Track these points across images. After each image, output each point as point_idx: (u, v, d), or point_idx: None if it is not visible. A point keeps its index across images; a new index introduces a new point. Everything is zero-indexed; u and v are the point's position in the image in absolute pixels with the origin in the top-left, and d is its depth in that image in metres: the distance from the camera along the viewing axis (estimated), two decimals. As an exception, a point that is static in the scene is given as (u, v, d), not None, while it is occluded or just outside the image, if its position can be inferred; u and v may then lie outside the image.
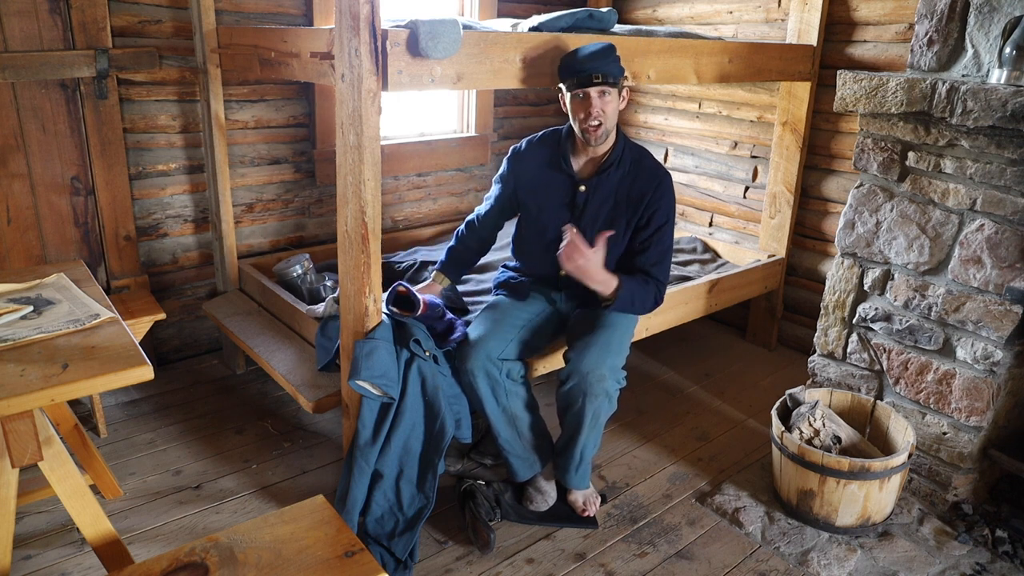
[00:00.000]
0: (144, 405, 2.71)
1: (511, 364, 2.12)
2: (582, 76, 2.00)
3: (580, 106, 2.05)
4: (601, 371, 2.02)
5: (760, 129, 3.36)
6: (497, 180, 2.36)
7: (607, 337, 2.09)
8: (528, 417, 2.17)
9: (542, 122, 3.92)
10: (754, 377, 3.16)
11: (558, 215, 2.21)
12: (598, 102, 2.02)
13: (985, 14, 2.10)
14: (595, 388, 2.02)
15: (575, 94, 2.04)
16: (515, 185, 2.29)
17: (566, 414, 2.11)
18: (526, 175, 2.27)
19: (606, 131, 2.08)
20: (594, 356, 2.03)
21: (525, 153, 2.29)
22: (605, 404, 2.06)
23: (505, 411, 2.12)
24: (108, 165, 2.64)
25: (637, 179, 2.17)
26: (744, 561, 2.07)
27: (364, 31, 1.67)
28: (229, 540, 1.36)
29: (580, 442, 2.12)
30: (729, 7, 3.36)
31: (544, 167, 2.24)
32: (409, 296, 2.10)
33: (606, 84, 2.00)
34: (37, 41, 2.40)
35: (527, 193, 2.27)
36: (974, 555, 2.09)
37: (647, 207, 2.16)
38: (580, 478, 2.19)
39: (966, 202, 2.14)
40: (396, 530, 1.97)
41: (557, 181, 2.22)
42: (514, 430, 2.15)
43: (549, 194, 2.23)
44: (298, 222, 3.20)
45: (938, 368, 2.26)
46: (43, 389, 1.29)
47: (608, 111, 2.05)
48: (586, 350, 2.05)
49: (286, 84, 2.99)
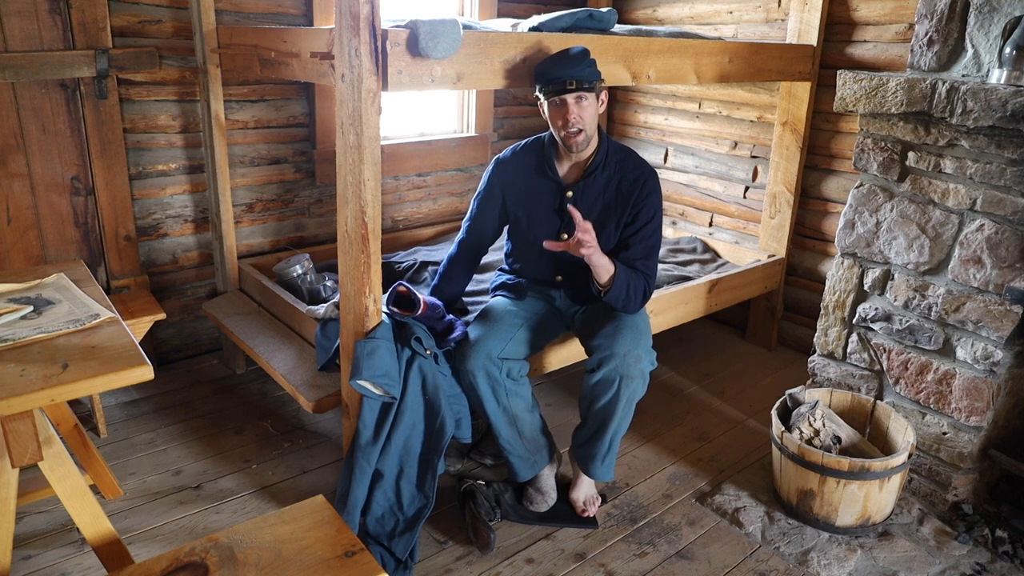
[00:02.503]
0: (144, 405, 2.71)
1: (512, 363, 2.12)
2: (557, 83, 1.98)
3: (558, 113, 2.04)
4: (637, 352, 2.02)
5: (760, 129, 3.36)
6: (480, 196, 2.31)
7: (634, 321, 2.11)
8: (529, 417, 2.17)
9: (542, 122, 3.92)
10: (754, 377, 3.16)
11: (548, 222, 2.21)
12: (575, 108, 2.01)
13: (985, 14, 2.10)
14: (632, 370, 2.01)
15: (552, 101, 2.03)
16: (503, 195, 2.26)
17: (597, 403, 2.07)
18: (513, 184, 2.25)
19: (587, 137, 2.08)
20: (628, 338, 2.03)
21: (510, 162, 2.27)
22: (640, 386, 2.05)
23: (506, 411, 2.12)
24: (108, 165, 2.64)
25: (624, 179, 2.16)
26: (744, 561, 2.07)
27: (364, 31, 1.67)
28: (229, 540, 1.36)
29: (612, 429, 2.09)
30: (729, 7, 3.36)
31: (530, 175, 2.22)
32: (409, 296, 2.10)
33: (582, 90, 1.99)
34: (37, 41, 2.40)
35: (515, 203, 2.25)
36: (974, 555, 2.09)
37: (634, 205, 2.15)
38: (607, 469, 2.16)
39: (966, 202, 2.14)
40: (396, 530, 1.97)
41: (544, 188, 2.20)
42: (515, 430, 2.15)
43: (537, 202, 2.22)
44: (298, 222, 3.20)
45: (938, 368, 2.26)
46: (43, 389, 1.29)
47: (586, 116, 2.04)
48: (617, 334, 2.04)
49: (286, 84, 2.99)
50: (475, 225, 2.32)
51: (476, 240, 2.34)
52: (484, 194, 2.29)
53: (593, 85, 2.01)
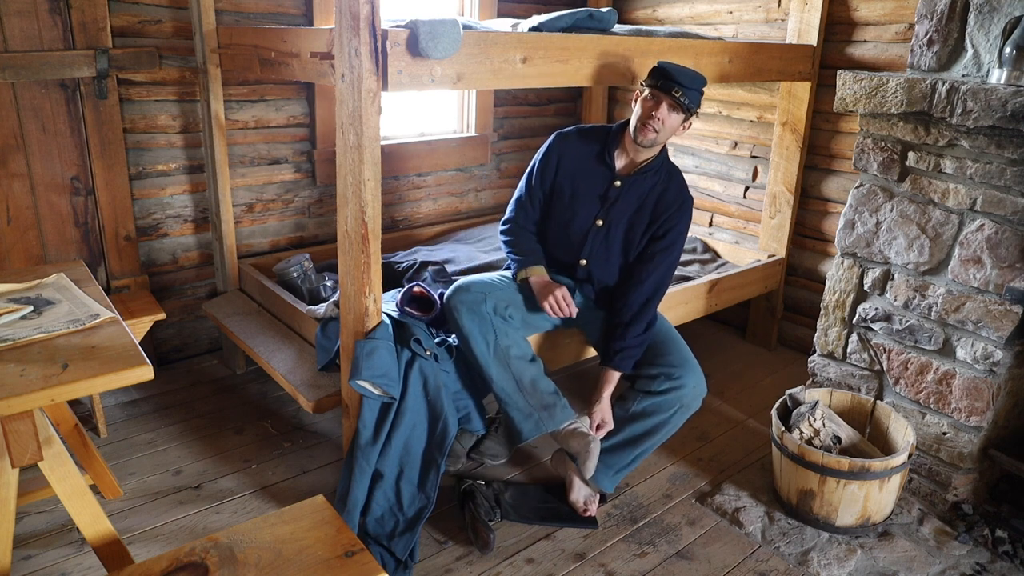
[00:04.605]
0: (144, 405, 2.71)
1: (505, 313, 2.13)
2: (667, 83, 2.06)
3: (649, 106, 2.10)
4: (702, 387, 2.16)
5: (760, 129, 3.36)
6: (535, 169, 2.31)
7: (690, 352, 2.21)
8: (528, 365, 2.11)
9: (542, 122, 3.93)
10: (754, 377, 3.16)
11: (590, 204, 2.25)
12: (664, 112, 2.08)
13: (985, 14, 2.10)
14: (694, 404, 2.15)
15: (651, 93, 2.10)
16: (557, 165, 2.29)
17: (646, 418, 2.12)
18: (570, 158, 2.28)
19: (654, 140, 2.12)
20: (698, 372, 2.15)
21: (573, 137, 2.31)
22: (685, 417, 2.16)
23: (497, 353, 2.07)
24: (108, 165, 2.64)
25: (666, 192, 2.23)
26: (744, 561, 2.07)
27: (364, 31, 1.67)
28: (229, 540, 1.36)
29: (643, 447, 2.15)
30: (729, 7, 3.36)
31: (588, 155, 2.27)
32: (428, 296, 2.11)
33: (679, 103, 2.06)
34: (37, 41, 2.40)
35: (566, 176, 2.28)
36: (974, 555, 2.09)
37: (664, 222, 2.21)
38: (614, 481, 2.19)
39: (966, 202, 2.14)
40: (396, 530, 1.97)
41: (597, 172, 2.25)
42: (509, 375, 2.08)
43: (587, 182, 2.26)
44: (298, 222, 3.20)
45: (938, 368, 2.26)
46: (43, 389, 1.29)
47: (667, 125, 2.10)
48: (688, 364, 2.14)
49: (286, 84, 2.99)
50: (533, 196, 2.31)
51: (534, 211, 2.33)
52: (542, 162, 2.31)
53: (690, 107, 2.09)
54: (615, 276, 2.29)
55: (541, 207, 2.32)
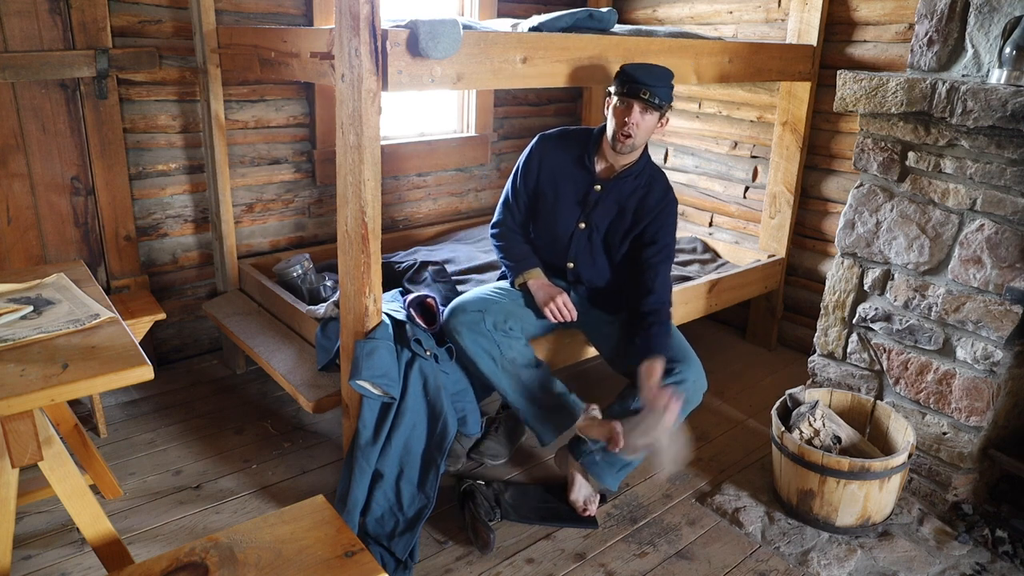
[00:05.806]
0: (144, 405, 2.71)
1: (505, 327, 2.14)
2: (634, 87, 2.05)
3: (620, 113, 2.10)
4: (703, 381, 2.18)
5: (760, 129, 3.36)
6: (519, 172, 2.33)
7: (690, 347, 2.23)
8: (533, 372, 2.15)
9: (542, 122, 3.92)
10: (754, 377, 3.16)
11: (571, 208, 2.26)
12: (637, 116, 2.08)
13: (985, 14, 2.10)
14: (696, 398, 2.17)
15: (621, 99, 2.10)
16: (539, 168, 2.30)
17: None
18: (551, 161, 2.29)
19: (633, 145, 2.13)
20: (698, 367, 2.17)
21: (555, 141, 2.32)
22: (687, 412, 2.15)
23: (505, 367, 2.10)
24: (108, 165, 2.64)
25: (648, 196, 2.23)
26: (744, 561, 2.07)
27: (364, 31, 1.67)
28: (229, 540, 1.36)
29: None
30: (729, 7, 3.36)
31: (569, 160, 2.28)
32: (435, 311, 2.15)
33: (650, 103, 2.06)
34: (37, 41, 2.40)
35: (548, 179, 2.29)
36: (974, 555, 2.09)
37: (649, 225, 2.22)
38: (617, 478, 2.19)
39: (966, 202, 2.14)
40: (396, 530, 1.97)
41: (577, 176, 2.26)
42: (520, 384, 2.13)
43: (568, 186, 2.26)
44: (298, 222, 3.20)
45: (938, 368, 2.26)
46: (43, 389, 1.29)
47: (643, 128, 2.10)
48: (688, 359, 2.16)
49: (286, 84, 2.99)
50: (518, 197, 2.33)
51: (520, 213, 2.35)
52: (524, 165, 2.33)
53: (662, 105, 2.08)
54: (605, 278, 2.32)
55: (526, 208, 2.34)
